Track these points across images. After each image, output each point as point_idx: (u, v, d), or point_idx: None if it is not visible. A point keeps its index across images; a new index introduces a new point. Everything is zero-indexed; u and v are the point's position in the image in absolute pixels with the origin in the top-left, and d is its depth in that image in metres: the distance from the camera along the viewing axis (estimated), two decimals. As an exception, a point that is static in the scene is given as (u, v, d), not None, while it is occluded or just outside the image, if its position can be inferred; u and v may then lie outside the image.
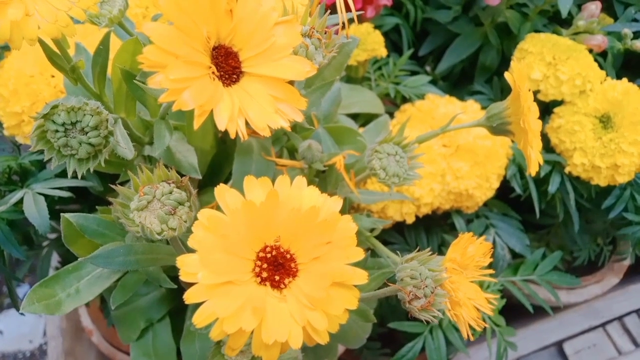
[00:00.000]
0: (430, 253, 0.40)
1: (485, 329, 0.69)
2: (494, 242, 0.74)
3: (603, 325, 0.92)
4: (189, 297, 0.29)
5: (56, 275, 0.48)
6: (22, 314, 0.47)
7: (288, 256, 0.31)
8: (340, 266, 0.31)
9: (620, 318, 0.93)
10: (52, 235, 0.70)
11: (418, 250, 0.39)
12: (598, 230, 0.84)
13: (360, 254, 0.31)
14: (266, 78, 0.32)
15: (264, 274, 0.31)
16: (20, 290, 1.09)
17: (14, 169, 0.58)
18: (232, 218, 0.30)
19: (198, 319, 0.29)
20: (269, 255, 0.31)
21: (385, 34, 0.82)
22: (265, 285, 0.31)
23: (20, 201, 0.55)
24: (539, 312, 0.78)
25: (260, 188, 0.32)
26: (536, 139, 0.44)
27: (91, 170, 0.36)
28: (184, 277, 0.29)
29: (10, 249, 0.56)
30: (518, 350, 0.73)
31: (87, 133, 0.35)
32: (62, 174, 0.57)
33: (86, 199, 0.66)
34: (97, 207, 0.54)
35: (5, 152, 0.62)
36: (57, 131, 0.34)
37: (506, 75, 0.44)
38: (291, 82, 0.34)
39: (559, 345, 0.91)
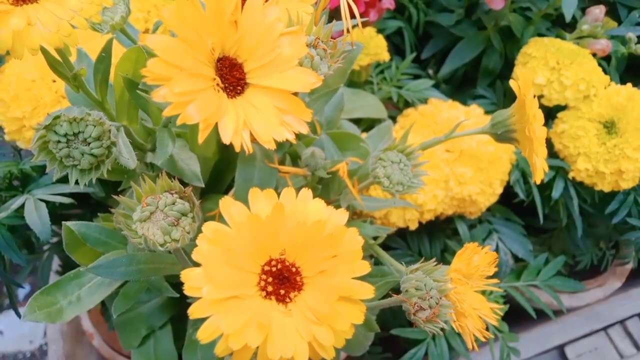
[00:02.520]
0: (435, 263, 0.40)
1: (487, 335, 0.69)
2: (496, 247, 0.74)
3: (605, 329, 0.92)
4: (193, 312, 0.28)
5: (57, 283, 0.48)
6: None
7: (293, 269, 0.31)
8: (346, 280, 0.30)
9: (622, 322, 0.92)
10: (53, 239, 0.69)
11: (419, 255, 0.39)
12: (601, 235, 0.84)
13: (366, 268, 0.31)
14: (271, 90, 0.32)
15: (269, 288, 0.31)
16: (20, 290, 1.08)
17: (14, 175, 0.58)
18: (238, 231, 0.30)
19: (203, 335, 0.28)
20: (274, 269, 0.31)
21: (388, 37, 0.81)
22: (271, 299, 0.31)
23: (22, 206, 0.54)
24: (541, 315, 0.78)
25: (266, 200, 0.31)
26: (541, 147, 0.44)
27: (93, 180, 0.35)
28: (188, 291, 0.29)
29: (11, 255, 0.56)
30: (520, 354, 0.72)
31: (89, 144, 0.34)
32: (64, 180, 0.57)
33: (87, 204, 0.66)
34: (98, 213, 0.54)
35: (6, 157, 0.61)
36: (59, 142, 0.34)
37: (511, 82, 0.44)
38: (295, 93, 0.33)
39: (560, 349, 0.90)
